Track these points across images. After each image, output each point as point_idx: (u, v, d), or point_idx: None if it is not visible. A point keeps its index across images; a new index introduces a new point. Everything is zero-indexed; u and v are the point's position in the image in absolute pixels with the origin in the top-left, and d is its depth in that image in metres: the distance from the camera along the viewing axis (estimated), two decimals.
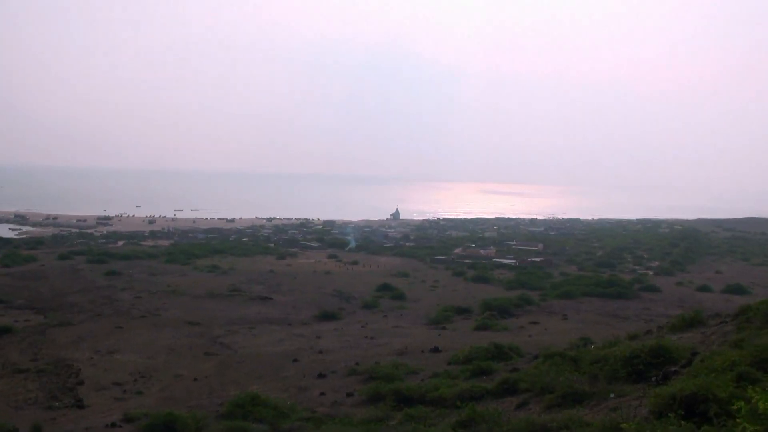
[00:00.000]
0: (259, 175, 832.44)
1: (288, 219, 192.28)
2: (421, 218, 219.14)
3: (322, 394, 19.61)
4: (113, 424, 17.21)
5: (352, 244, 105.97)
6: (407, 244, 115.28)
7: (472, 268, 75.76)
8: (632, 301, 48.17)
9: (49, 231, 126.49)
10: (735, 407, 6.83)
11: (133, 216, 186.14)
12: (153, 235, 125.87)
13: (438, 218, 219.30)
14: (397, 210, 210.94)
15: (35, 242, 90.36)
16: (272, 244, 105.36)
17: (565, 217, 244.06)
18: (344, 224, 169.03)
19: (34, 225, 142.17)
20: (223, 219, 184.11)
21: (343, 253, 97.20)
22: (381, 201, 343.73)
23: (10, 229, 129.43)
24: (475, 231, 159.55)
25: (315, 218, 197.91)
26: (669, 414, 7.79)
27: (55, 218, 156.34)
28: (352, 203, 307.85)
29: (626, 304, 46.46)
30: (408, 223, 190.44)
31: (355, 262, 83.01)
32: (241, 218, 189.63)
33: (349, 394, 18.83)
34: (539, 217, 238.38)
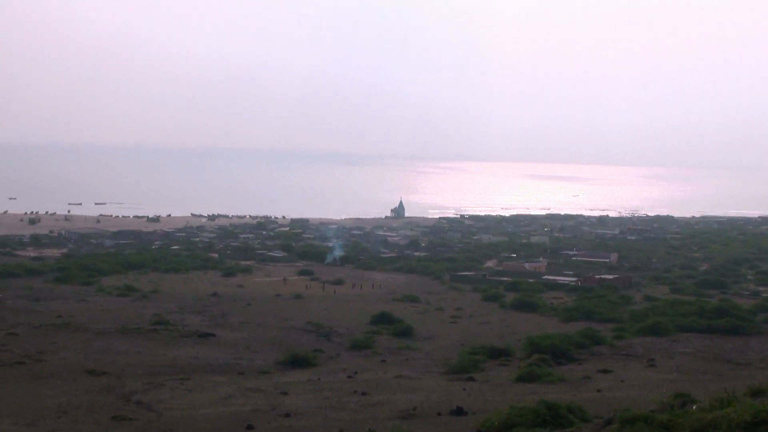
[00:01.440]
0: (192, 151, 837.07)
1: (239, 217, 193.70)
2: (436, 215, 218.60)
3: None
4: None
5: (336, 255, 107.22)
6: (416, 253, 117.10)
7: (512, 290, 76.45)
8: (754, 338, 48.72)
9: None
10: None
11: (5, 213, 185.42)
12: (36, 240, 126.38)
13: (461, 215, 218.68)
14: (400, 204, 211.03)
15: None
16: (216, 255, 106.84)
17: (651, 213, 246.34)
18: (323, 225, 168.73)
19: None
20: (142, 217, 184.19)
21: (321, 267, 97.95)
22: (377, 190, 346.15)
23: None
24: (516, 234, 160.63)
25: (279, 216, 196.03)
26: None
27: None
28: (335, 194, 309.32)
29: (746, 343, 46.98)
30: (417, 223, 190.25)
31: (339, 282, 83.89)
32: (169, 216, 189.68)
33: None
34: (612, 214, 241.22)
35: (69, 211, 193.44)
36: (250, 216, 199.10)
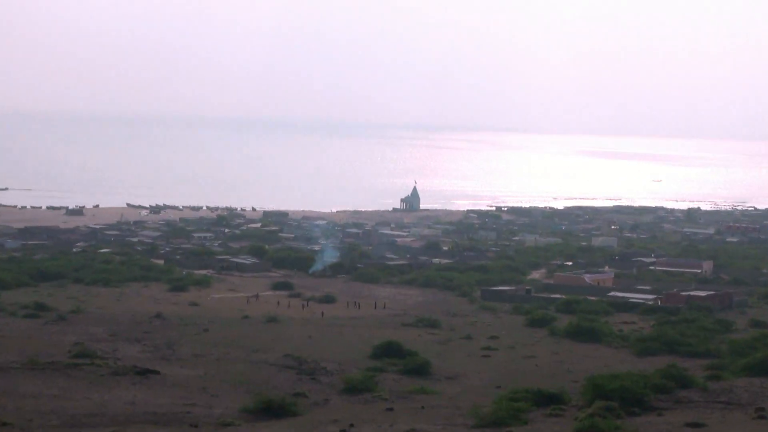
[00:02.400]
0: (129, 118, 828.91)
1: (193, 209, 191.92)
2: (463, 207, 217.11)
3: None
4: None
5: (325, 262, 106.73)
6: (435, 260, 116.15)
7: (566, 312, 75.50)
8: None
9: None
10: None
11: None
12: None
13: (497, 207, 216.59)
14: (414, 191, 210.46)
15: None
16: (161, 261, 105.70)
17: (761, 206, 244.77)
18: (307, 220, 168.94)
19: None
20: (59, 209, 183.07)
21: (305, 279, 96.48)
22: (381, 173, 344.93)
23: None
24: (572, 235, 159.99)
25: (247, 208, 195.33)
26: None
27: None
28: (325, 177, 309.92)
29: None
30: (437, 219, 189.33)
31: (329, 299, 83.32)
32: (97, 207, 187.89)
33: None
34: (705, 206, 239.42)
35: None
36: (207, 207, 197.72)
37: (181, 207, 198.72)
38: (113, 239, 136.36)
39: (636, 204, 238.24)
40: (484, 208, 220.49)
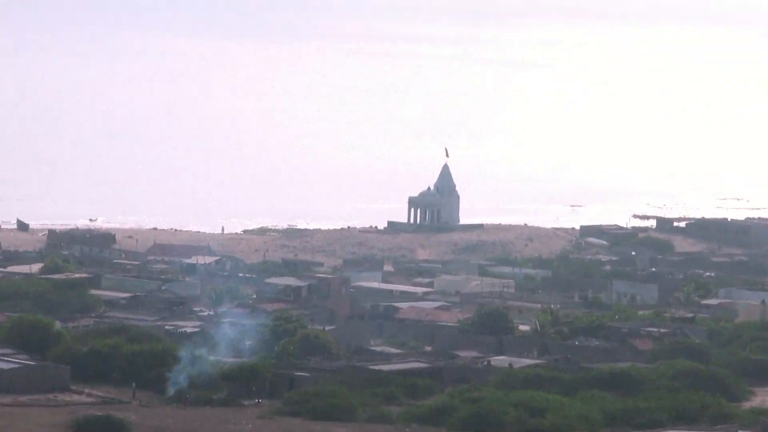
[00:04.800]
0: None
1: None
2: (570, 220, 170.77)
3: None
4: None
5: (201, 370, 65.18)
6: (498, 358, 75.32)
7: None
8: None
9: None
10: None
11: None
12: None
13: (660, 219, 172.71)
14: (444, 175, 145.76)
15: None
16: None
17: None
18: (167, 251, 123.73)
19: None
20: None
21: (150, 413, 58.96)
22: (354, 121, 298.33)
23: None
24: None
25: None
26: None
27: None
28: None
29: None
30: (506, 246, 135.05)
31: None
32: None
33: None
34: None
35: None
36: None
37: None
38: None
39: None
40: (623, 220, 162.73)
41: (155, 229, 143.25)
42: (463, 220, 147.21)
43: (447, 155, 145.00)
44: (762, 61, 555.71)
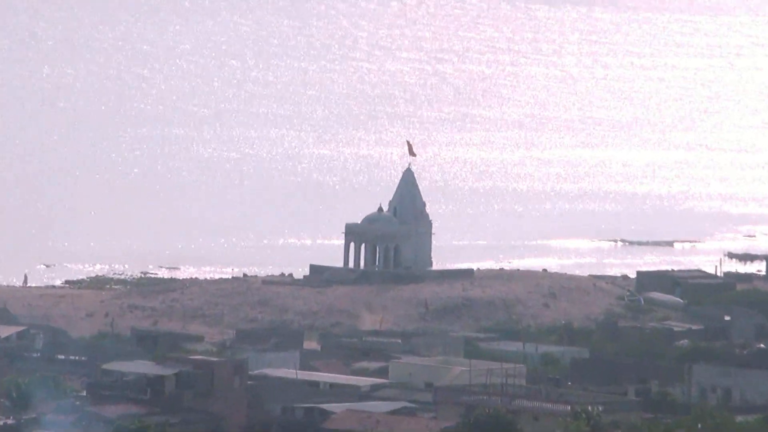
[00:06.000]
0: None
1: None
2: (618, 264, 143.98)
3: None
4: None
5: None
6: None
7: None
8: None
9: None
10: None
11: None
12: None
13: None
14: (405, 190, 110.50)
15: None
16: None
17: None
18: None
19: None
20: None
21: None
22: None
23: None
24: None
25: None
26: None
27: None
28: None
29: None
30: (508, 309, 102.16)
31: None
32: None
33: None
34: None
35: None
36: None
37: None
38: None
39: None
40: (710, 263, 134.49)
41: None
42: (439, 262, 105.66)
43: (411, 153, 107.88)
44: None
